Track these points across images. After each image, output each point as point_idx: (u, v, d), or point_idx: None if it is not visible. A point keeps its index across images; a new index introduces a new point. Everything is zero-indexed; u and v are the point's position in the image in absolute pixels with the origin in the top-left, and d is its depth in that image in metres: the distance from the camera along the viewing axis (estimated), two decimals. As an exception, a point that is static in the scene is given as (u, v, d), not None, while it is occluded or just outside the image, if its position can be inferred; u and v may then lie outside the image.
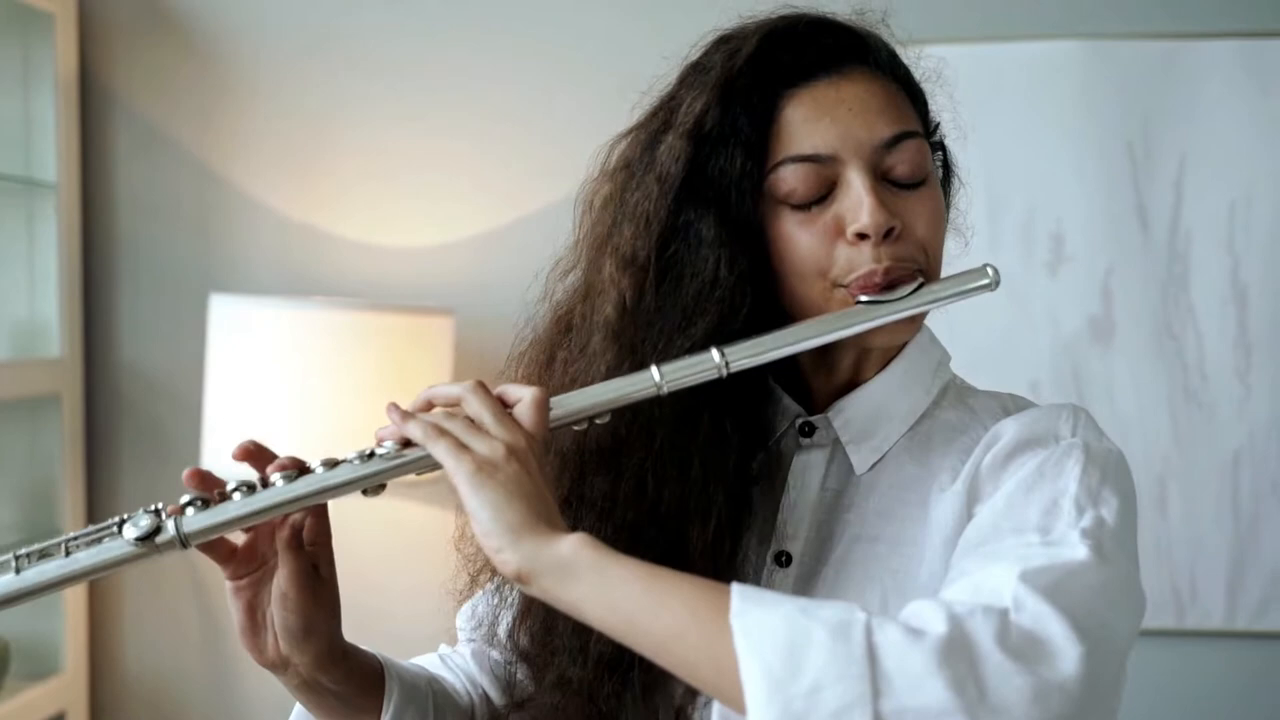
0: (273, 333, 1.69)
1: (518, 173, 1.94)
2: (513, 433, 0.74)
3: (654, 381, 0.78)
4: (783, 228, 0.82)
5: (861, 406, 0.87)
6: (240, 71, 1.99)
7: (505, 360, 0.90)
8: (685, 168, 0.82)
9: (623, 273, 0.83)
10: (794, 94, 0.82)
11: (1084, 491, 0.76)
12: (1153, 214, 1.86)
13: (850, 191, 0.81)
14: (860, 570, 0.84)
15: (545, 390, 0.78)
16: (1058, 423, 0.83)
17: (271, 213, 1.99)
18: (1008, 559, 0.71)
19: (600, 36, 1.93)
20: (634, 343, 0.83)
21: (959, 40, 1.87)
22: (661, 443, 0.82)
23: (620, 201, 0.85)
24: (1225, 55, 1.83)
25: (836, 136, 0.81)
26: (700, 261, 0.81)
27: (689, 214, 0.82)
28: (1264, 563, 1.85)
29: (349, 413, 1.68)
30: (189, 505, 0.76)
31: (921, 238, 0.82)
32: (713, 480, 0.82)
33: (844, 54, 0.83)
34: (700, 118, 0.82)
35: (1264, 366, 1.84)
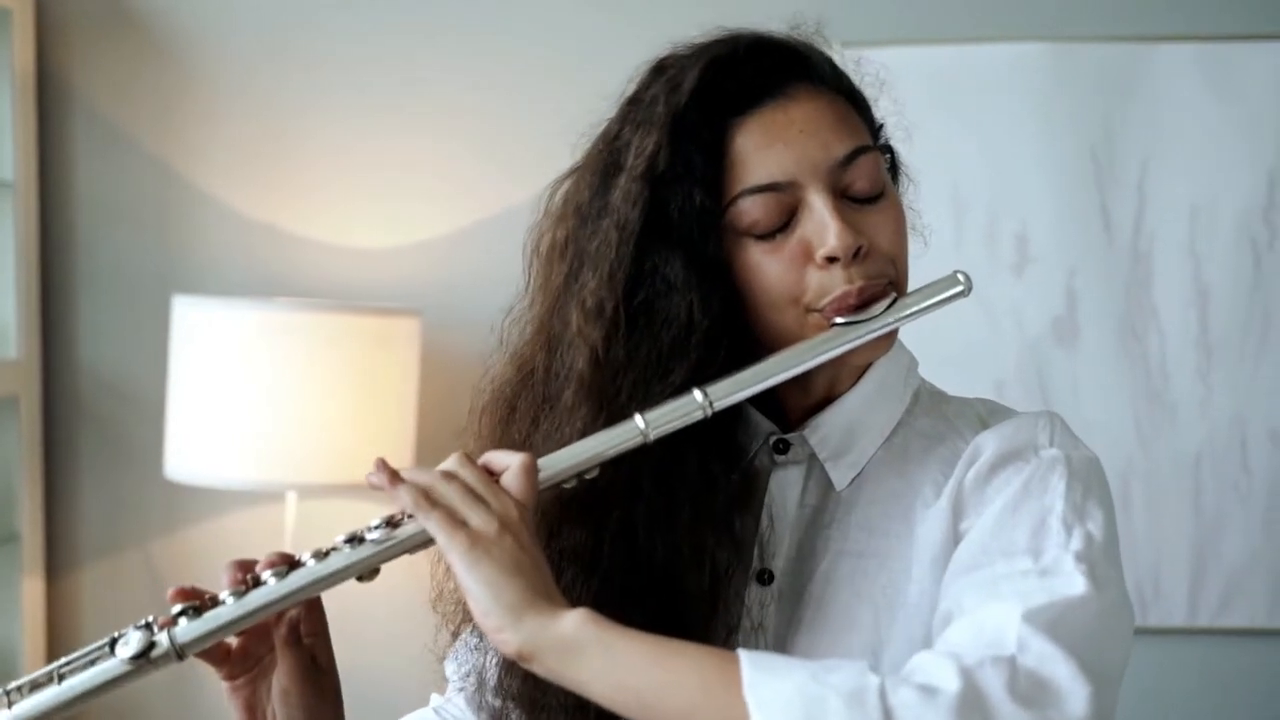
0: (237, 334, 1.66)
1: (484, 173, 1.93)
2: (504, 503, 0.73)
3: (639, 430, 0.77)
4: (749, 259, 0.81)
5: (837, 422, 0.87)
6: (202, 70, 1.96)
7: (467, 414, 0.88)
8: (644, 212, 0.80)
9: (590, 324, 0.81)
10: (742, 122, 0.81)
11: (1070, 508, 0.77)
12: (1116, 216, 1.87)
13: (813, 215, 0.80)
14: (848, 587, 0.83)
15: (532, 456, 0.76)
16: (1035, 433, 0.83)
17: (234, 213, 1.96)
18: (1007, 596, 0.71)
19: (568, 35, 1.92)
20: (609, 395, 0.81)
21: (923, 43, 1.87)
22: (648, 490, 0.81)
23: (577, 249, 0.83)
24: (1186, 59, 1.85)
25: (792, 161, 0.80)
26: (672, 307, 0.80)
27: (654, 258, 0.81)
28: (1225, 561, 1.87)
29: (314, 415, 1.66)
30: (181, 615, 0.74)
31: (888, 251, 0.82)
32: (704, 524, 0.81)
33: (787, 74, 0.82)
34: (653, 158, 0.80)
35: (1225, 367, 1.87)
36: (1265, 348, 1.86)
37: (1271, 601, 1.87)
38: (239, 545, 1.95)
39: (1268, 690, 1.88)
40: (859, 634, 0.81)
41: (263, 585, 0.75)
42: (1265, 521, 1.86)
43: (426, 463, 1.80)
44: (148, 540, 1.98)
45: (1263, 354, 1.86)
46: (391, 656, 1.80)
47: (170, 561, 1.97)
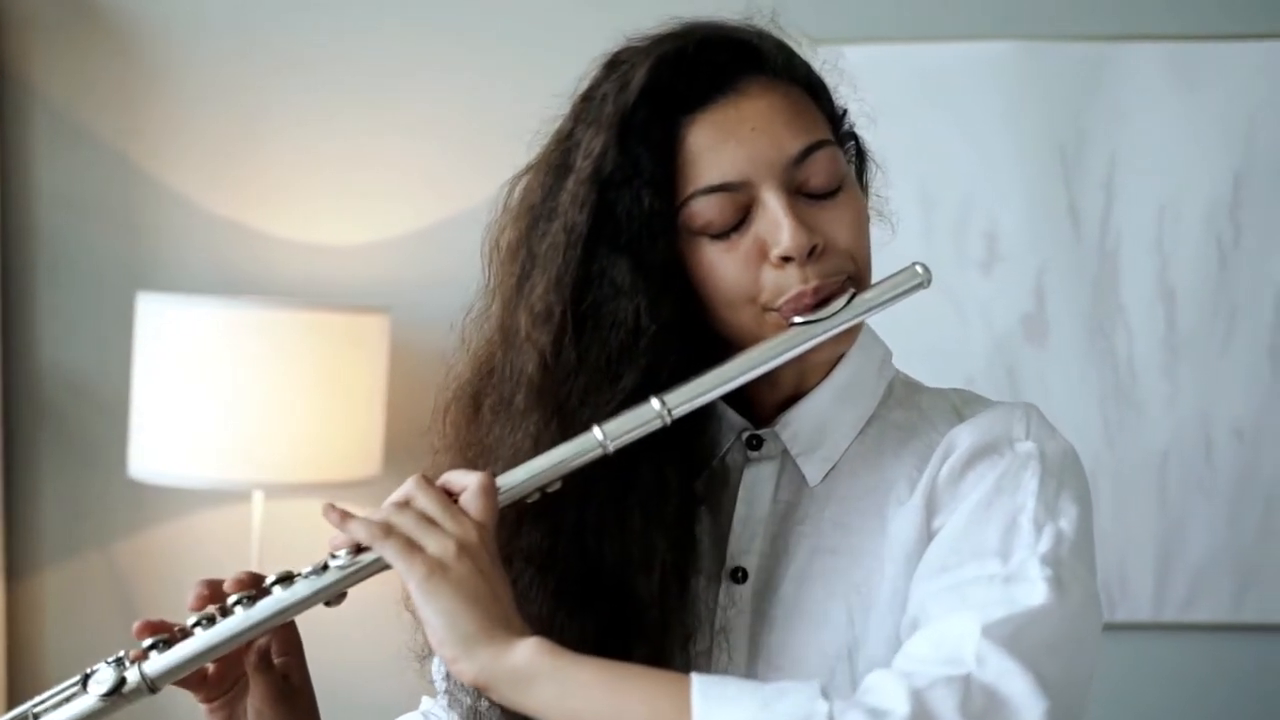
0: (203, 332, 1.65)
1: (453, 169, 1.91)
2: (462, 526, 0.73)
3: (598, 442, 0.77)
4: (704, 258, 0.80)
5: (809, 417, 0.86)
6: (166, 65, 1.94)
7: (430, 415, 0.87)
8: (591, 215, 0.79)
9: (539, 329, 0.80)
10: (694, 120, 0.79)
11: (1042, 506, 0.77)
12: (1084, 214, 1.89)
13: (767, 214, 0.79)
14: (821, 585, 0.83)
15: (489, 475, 0.76)
16: (1010, 425, 0.83)
17: (200, 210, 1.94)
18: (969, 605, 0.71)
19: (536, 31, 1.91)
20: (559, 400, 0.80)
21: (892, 40, 1.88)
22: (599, 497, 0.80)
23: (528, 250, 0.82)
24: (1153, 58, 1.86)
25: (745, 160, 0.79)
26: (620, 311, 0.79)
27: (601, 262, 0.80)
28: (1190, 557, 1.89)
29: (281, 414, 1.65)
30: (151, 648, 0.76)
31: (846, 247, 0.81)
32: (654, 530, 0.81)
33: (739, 68, 0.80)
34: (600, 160, 0.80)
35: (1191, 365, 1.88)
36: (1230, 346, 1.88)
37: (1236, 597, 1.89)
38: (205, 545, 1.93)
39: (1232, 684, 1.90)
40: (832, 632, 0.81)
41: (230, 615, 0.76)
42: (1230, 518, 1.88)
43: (395, 460, 1.81)
44: (110, 541, 1.96)
45: (1228, 352, 1.88)
46: (374, 655, 1.79)
47: (134, 563, 1.95)
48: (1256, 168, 1.87)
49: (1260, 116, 1.86)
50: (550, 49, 1.89)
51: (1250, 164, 1.87)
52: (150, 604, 1.93)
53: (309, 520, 1.91)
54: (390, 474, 1.79)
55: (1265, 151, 1.86)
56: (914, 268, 0.81)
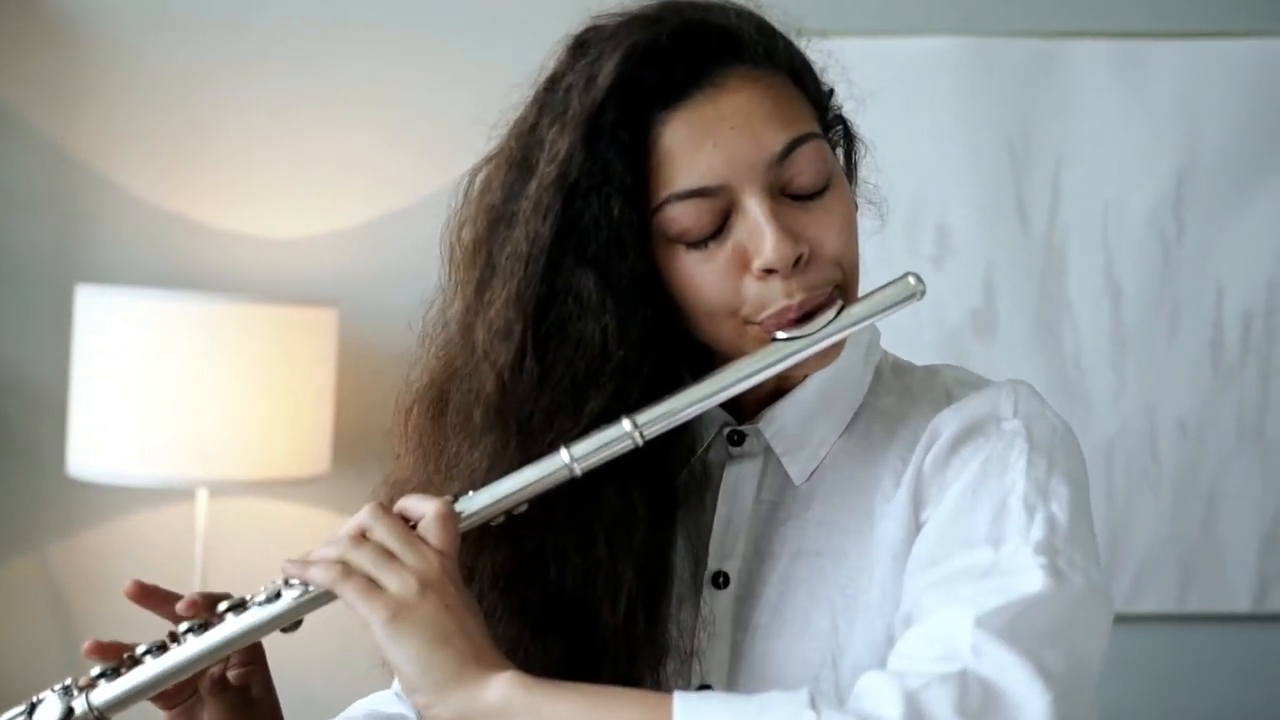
0: (145, 325, 1.61)
1: (401, 161, 1.88)
2: (423, 558, 0.70)
3: (565, 464, 0.73)
4: (681, 268, 0.75)
5: (793, 413, 0.81)
6: (105, 56, 1.89)
7: (390, 415, 0.83)
8: (556, 224, 0.74)
9: (498, 345, 0.75)
10: (668, 117, 0.73)
11: (1032, 487, 0.73)
12: (1031, 210, 1.91)
13: (748, 220, 0.73)
14: (805, 590, 0.79)
15: (448, 502, 0.73)
16: (998, 403, 0.78)
17: (141, 202, 1.89)
18: (962, 598, 0.68)
19: (488, 17, 1.88)
20: (519, 421, 0.76)
21: (842, 34, 1.87)
22: (562, 522, 0.76)
23: (488, 255, 0.77)
24: (1099, 55, 1.89)
25: (723, 162, 0.73)
26: (586, 331, 0.74)
27: (566, 276, 0.74)
28: (1135, 548, 1.92)
29: (227, 409, 1.61)
30: (100, 677, 0.74)
31: (834, 253, 0.75)
32: (620, 558, 0.77)
33: (716, 58, 0.74)
34: (565, 165, 0.73)
35: (1136, 359, 1.91)
36: (1174, 340, 1.91)
37: (1181, 587, 1.92)
38: (146, 546, 1.88)
39: (1177, 674, 1.94)
40: (815, 639, 0.78)
41: (181, 644, 0.74)
42: (1174, 509, 1.91)
43: (344, 458, 1.78)
44: (47, 543, 1.90)
45: (1172, 346, 1.91)
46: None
47: (70, 564, 1.90)
48: (1199, 165, 1.90)
49: (1203, 115, 1.89)
50: (502, 37, 1.87)
51: (1193, 162, 1.90)
52: (88, 608, 1.88)
53: (255, 519, 1.87)
54: (339, 471, 1.76)
55: (1207, 150, 1.90)
56: (907, 279, 0.76)
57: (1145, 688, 1.93)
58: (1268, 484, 1.91)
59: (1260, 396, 1.91)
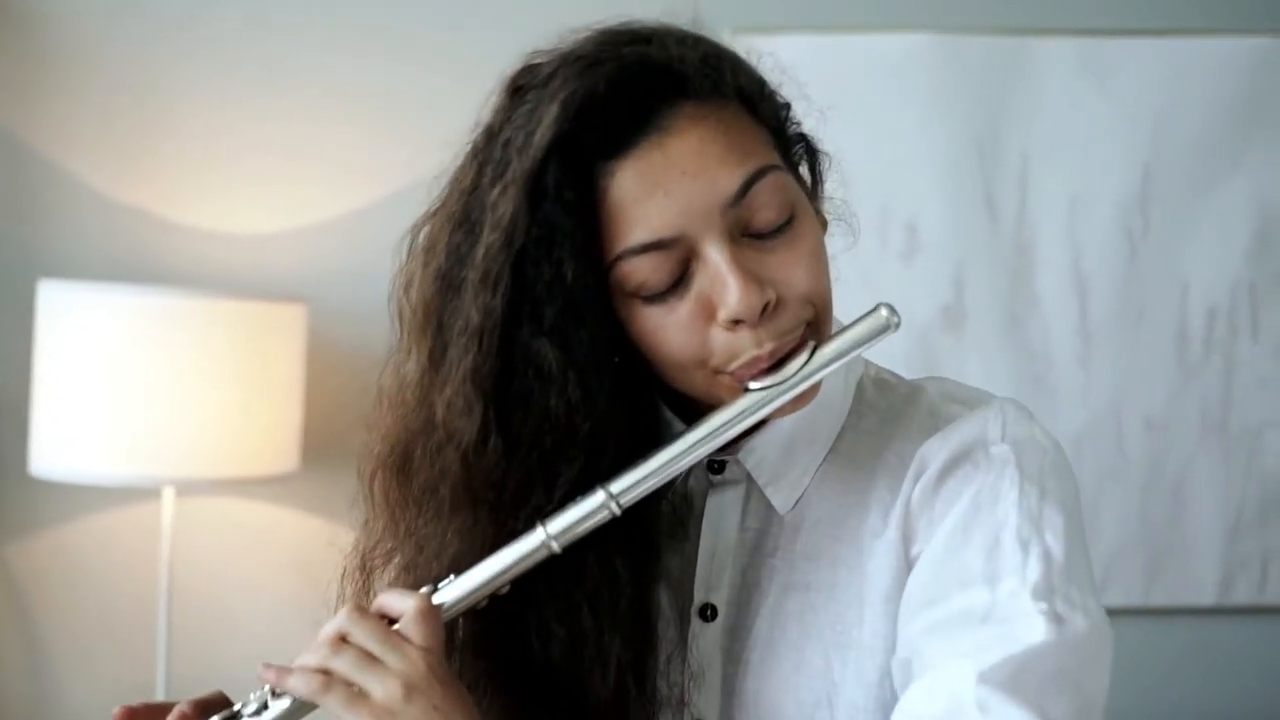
0: (109, 321, 1.58)
1: (370, 155, 1.86)
2: (406, 659, 0.68)
3: (543, 542, 0.71)
4: (644, 323, 0.72)
5: (774, 441, 0.78)
6: (66, 48, 1.85)
7: (357, 478, 0.79)
8: (507, 295, 0.70)
9: (459, 422, 0.72)
10: (615, 168, 0.69)
11: (1025, 519, 0.72)
12: (1000, 206, 1.92)
13: (710, 269, 0.70)
14: (796, 625, 0.77)
15: (427, 596, 0.71)
16: (984, 428, 0.76)
17: (104, 197, 1.86)
18: (962, 651, 0.67)
19: (456, 10, 1.87)
20: (490, 499, 0.73)
21: (811, 30, 1.88)
22: (542, 595, 0.74)
23: (439, 325, 0.73)
24: (1067, 53, 1.90)
25: (677, 211, 0.69)
26: (550, 404, 0.71)
27: (523, 348, 0.71)
28: (1102, 542, 1.93)
29: (192, 406, 1.59)
30: None
31: (804, 291, 0.72)
32: (606, 628, 0.74)
33: (661, 99, 0.70)
34: (510, 230, 0.69)
35: (1103, 354, 1.93)
36: (1140, 336, 1.93)
37: (1146, 581, 1.94)
38: (111, 547, 1.85)
39: (1143, 666, 1.95)
40: (809, 678, 0.76)
41: None
42: (1140, 504, 1.93)
43: (313, 456, 1.76)
44: (6, 543, 1.86)
45: (1138, 342, 1.93)
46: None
47: (32, 566, 1.86)
48: (1164, 163, 1.92)
49: (1168, 113, 1.91)
50: (474, 30, 1.86)
51: (1158, 159, 1.92)
52: (51, 611, 1.85)
53: (223, 519, 1.85)
54: (309, 470, 1.75)
55: (1173, 147, 1.92)
56: (879, 311, 0.72)
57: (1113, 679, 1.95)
58: (1231, 478, 1.94)
59: (1223, 391, 1.93)
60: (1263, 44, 1.91)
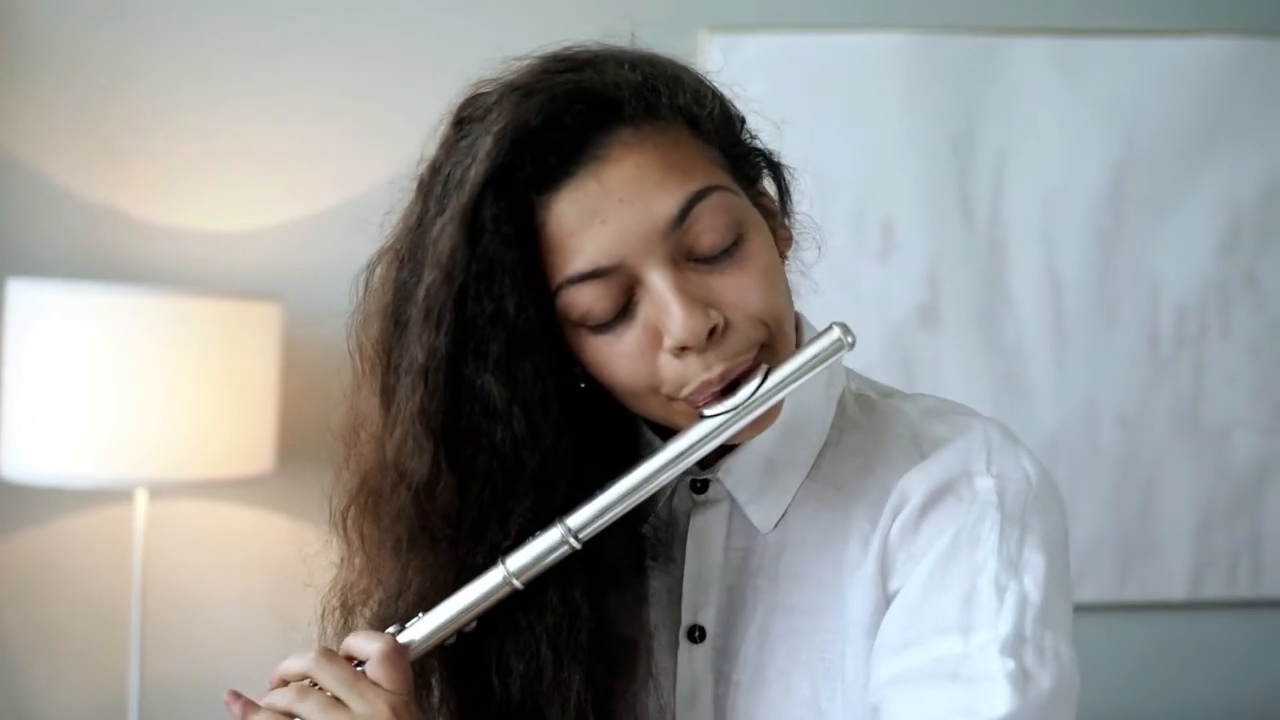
0: (80, 320, 1.56)
1: (345, 152, 1.85)
2: (370, 705, 0.68)
3: (505, 579, 0.71)
4: (593, 353, 0.71)
5: (752, 460, 0.77)
6: (32, 44, 1.83)
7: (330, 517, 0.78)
8: (450, 333, 0.70)
9: (410, 462, 0.72)
10: (552, 200, 0.69)
11: (1003, 565, 0.71)
12: (975, 205, 1.93)
13: (653, 296, 0.69)
14: (783, 648, 0.76)
15: (392, 639, 0.71)
16: (968, 458, 0.75)
17: (72, 195, 1.83)
18: (926, 709, 0.68)
19: (428, 8, 1.85)
20: (447, 536, 0.73)
21: (787, 29, 1.89)
22: (502, 629, 0.74)
23: (388, 361, 0.73)
24: (1040, 52, 1.91)
25: (615, 239, 0.68)
26: (498, 441, 0.71)
27: (469, 384, 0.71)
28: (1076, 538, 1.93)
29: (165, 406, 1.57)
30: None
31: (754, 313, 0.70)
32: (567, 662, 0.73)
33: (596, 126, 0.69)
34: (450, 266, 0.69)
35: (1077, 352, 1.94)
36: (1113, 334, 1.95)
37: (1119, 576, 1.95)
38: (82, 550, 1.83)
39: (1117, 661, 1.97)
40: (797, 705, 0.76)
41: None
42: (1112, 500, 1.95)
43: (289, 457, 1.75)
44: (-27, 547, 1.85)
45: (1110, 340, 1.95)
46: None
47: (1, 569, 1.84)
48: (1136, 162, 1.93)
49: (1140, 112, 1.93)
50: (448, 28, 1.85)
51: (1130, 158, 1.93)
52: (21, 615, 1.82)
53: (197, 521, 1.83)
54: (284, 471, 1.73)
55: (1144, 146, 1.93)
56: (832, 330, 0.72)
57: (1087, 674, 1.96)
58: (1201, 474, 1.96)
59: (1194, 388, 1.95)
60: (1232, 44, 1.93)
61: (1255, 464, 1.96)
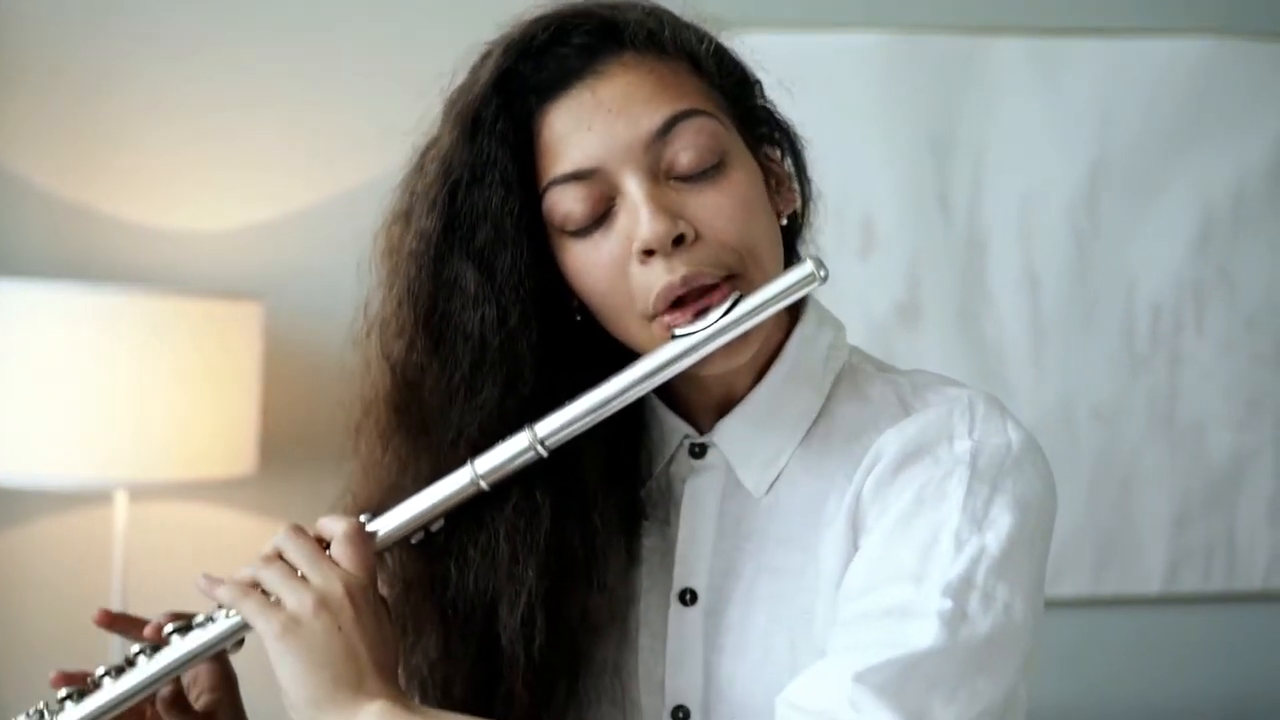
0: (58, 321, 1.55)
1: (326, 150, 1.84)
2: (327, 578, 0.72)
3: (472, 479, 0.75)
4: (572, 260, 0.74)
5: (743, 425, 0.79)
6: (5, 43, 1.81)
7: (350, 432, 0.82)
8: (441, 219, 0.75)
9: (392, 344, 0.77)
10: (550, 108, 0.73)
11: (967, 519, 0.70)
12: (954, 204, 1.94)
13: (627, 203, 0.72)
14: (765, 610, 0.77)
15: (356, 521, 0.75)
16: (951, 423, 0.75)
17: (47, 194, 1.82)
18: (855, 646, 0.67)
19: (410, 7, 1.85)
20: (420, 417, 0.77)
21: (766, 28, 1.89)
22: (466, 521, 0.76)
23: (395, 261, 0.78)
24: (1018, 52, 1.93)
25: (598, 145, 0.72)
26: (468, 322, 0.75)
27: (452, 270, 0.75)
28: (1056, 533, 1.96)
29: (144, 407, 1.56)
30: (65, 700, 0.78)
31: (726, 238, 0.72)
32: (522, 558, 0.75)
33: (597, 48, 0.74)
34: (448, 160, 0.75)
35: (1054, 349, 1.96)
36: (1090, 331, 1.96)
37: (1097, 572, 1.97)
38: (61, 553, 1.82)
39: (1093, 656, 1.99)
40: (775, 668, 0.76)
41: (134, 667, 0.77)
42: (1090, 496, 1.96)
43: (271, 457, 1.74)
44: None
45: (1087, 337, 1.96)
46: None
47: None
48: (1112, 161, 1.95)
49: (1116, 112, 1.95)
50: (428, 28, 1.84)
51: (1106, 158, 1.95)
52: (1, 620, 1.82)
53: (178, 523, 1.83)
54: (266, 472, 1.72)
55: (1119, 146, 1.95)
56: (806, 263, 0.73)
57: (1063, 670, 1.98)
58: (1176, 469, 1.98)
59: (1169, 385, 1.97)
60: (1205, 44, 1.95)
61: (1230, 459, 1.99)
